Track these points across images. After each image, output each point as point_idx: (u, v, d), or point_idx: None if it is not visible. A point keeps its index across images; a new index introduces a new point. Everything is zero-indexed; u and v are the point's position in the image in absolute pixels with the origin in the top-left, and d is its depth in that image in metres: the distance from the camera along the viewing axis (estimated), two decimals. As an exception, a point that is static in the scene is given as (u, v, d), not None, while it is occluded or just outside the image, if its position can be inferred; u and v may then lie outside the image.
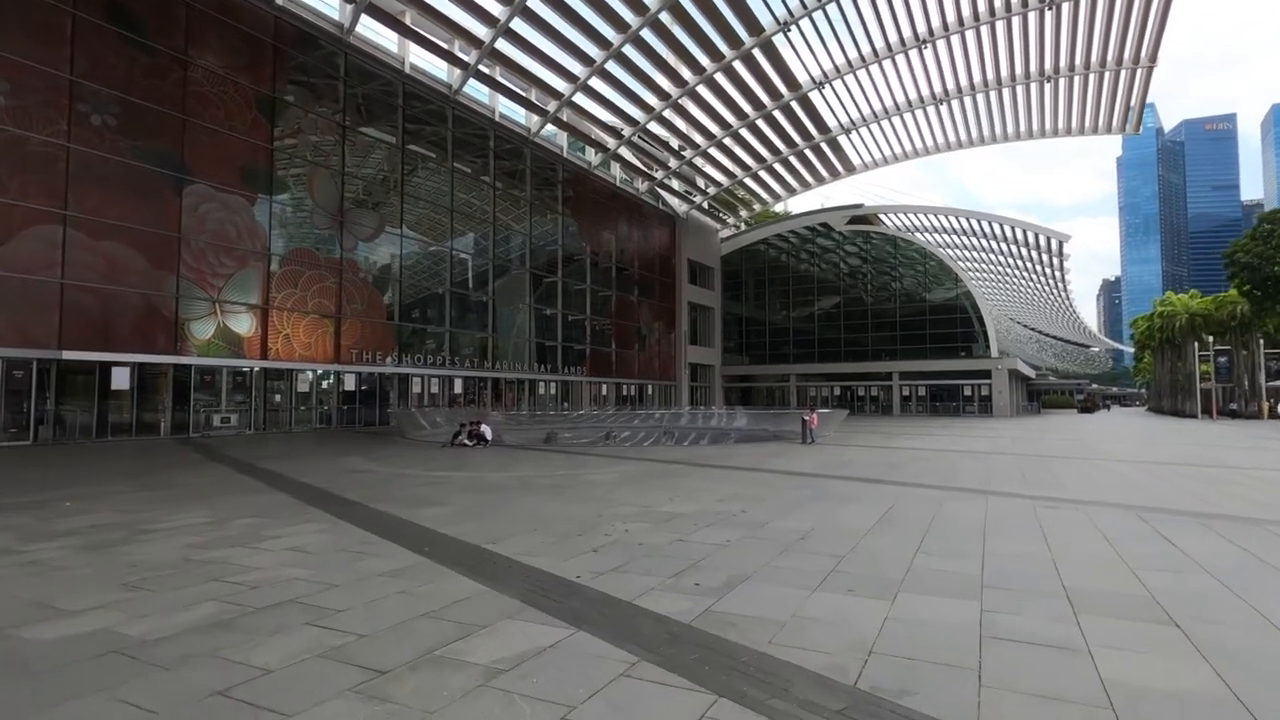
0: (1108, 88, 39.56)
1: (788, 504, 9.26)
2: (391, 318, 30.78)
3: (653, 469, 13.87)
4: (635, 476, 12.49)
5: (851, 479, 12.27)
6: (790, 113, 42.17)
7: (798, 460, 15.89)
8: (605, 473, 13.20)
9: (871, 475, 12.87)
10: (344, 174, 28.37)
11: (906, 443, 22.28)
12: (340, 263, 28.04)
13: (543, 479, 12.06)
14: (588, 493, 10.21)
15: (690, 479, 12.10)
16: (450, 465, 14.53)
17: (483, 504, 9.18)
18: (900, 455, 17.38)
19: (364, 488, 10.73)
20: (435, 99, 32.74)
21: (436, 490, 10.53)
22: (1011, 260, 60.59)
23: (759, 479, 12.20)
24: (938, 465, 15.01)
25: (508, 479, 12.12)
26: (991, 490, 10.80)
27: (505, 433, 24.67)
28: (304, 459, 16.11)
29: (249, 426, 24.66)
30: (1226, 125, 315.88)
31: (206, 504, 9.18)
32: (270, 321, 25.33)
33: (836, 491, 10.58)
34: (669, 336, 52.55)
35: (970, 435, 27.03)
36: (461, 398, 34.54)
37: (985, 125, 45.84)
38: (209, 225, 23.47)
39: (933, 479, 12.26)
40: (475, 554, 6.24)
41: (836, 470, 13.74)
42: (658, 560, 5.98)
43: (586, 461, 15.61)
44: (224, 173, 23.98)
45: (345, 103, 28.66)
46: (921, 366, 51.88)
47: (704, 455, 17.63)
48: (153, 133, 22.09)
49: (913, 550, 6.44)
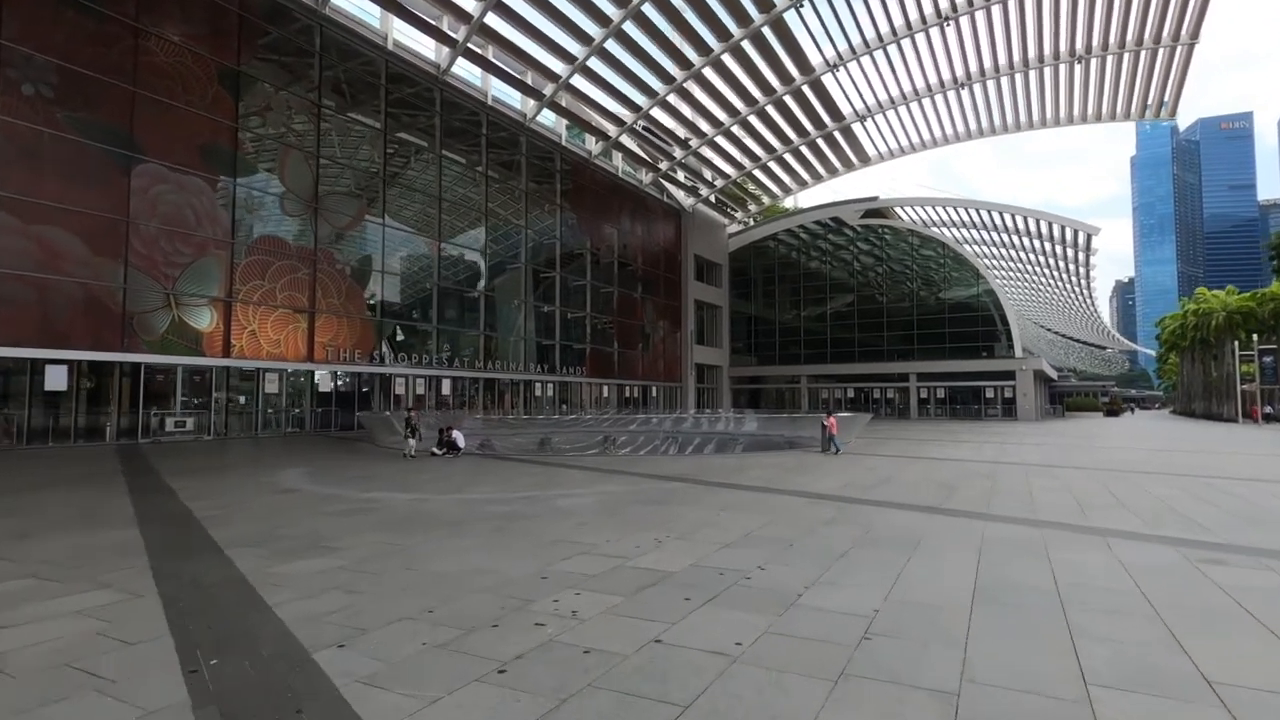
0: (1143, 68, 36.91)
1: (825, 553, 6.56)
2: (373, 313, 28.51)
3: (643, 489, 11.33)
4: (618, 501, 9.95)
5: (900, 506, 9.60)
6: (802, 98, 39.72)
7: (823, 476, 13.41)
8: (582, 494, 10.72)
9: (923, 500, 10.14)
10: (319, 157, 26.13)
11: (942, 451, 19.70)
12: (314, 253, 25.79)
13: (496, 505, 9.57)
14: (544, 531, 7.66)
15: (688, 506, 9.56)
16: (396, 483, 12.09)
17: (387, 552, 6.58)
18: (946, 469, 14.75)
19: (257, 520, 8.29)
20: (422, 79, 30.49)
21: (347, 524, 8.07)
22: (1031, 256, 57.83)
23: (779, 505, 9.59)
24: (1002, 484, 12.10)
25: (452, 505, 9.65)
26: (1102, 528, 7.96)
27: (497, 438, 22.39)
28: (231, 472, 13.77)
29: (208, 431, 22.40)
30: (1243, 124, 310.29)
31: (14, 545, 6.86)
32: (234, 316, 23.09)
33: (888, 529, 7.88)
34: (674, 336, 50.10)
35: (1010, 442, 24.41)
36: (451, 400, 32.23)
37: (1010, 111, 43.24)
38: (162, 209, 21.26)
39: (1009, 507, 9.51)
40: (282, 681, 3.58)
41: (875, 492, 11.13)
42: (608, 702, 3.35)
43: (566, 477, 13.18)
44: (181, 152, 21.76)
45: (321, 81, 26.43)
46: (940, 367, 49.17)
47: (710, 468, 15.20)
48: (96, 105, 19.89)
49: (1070, 668, 3.76)
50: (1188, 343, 57.93)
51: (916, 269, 52.16)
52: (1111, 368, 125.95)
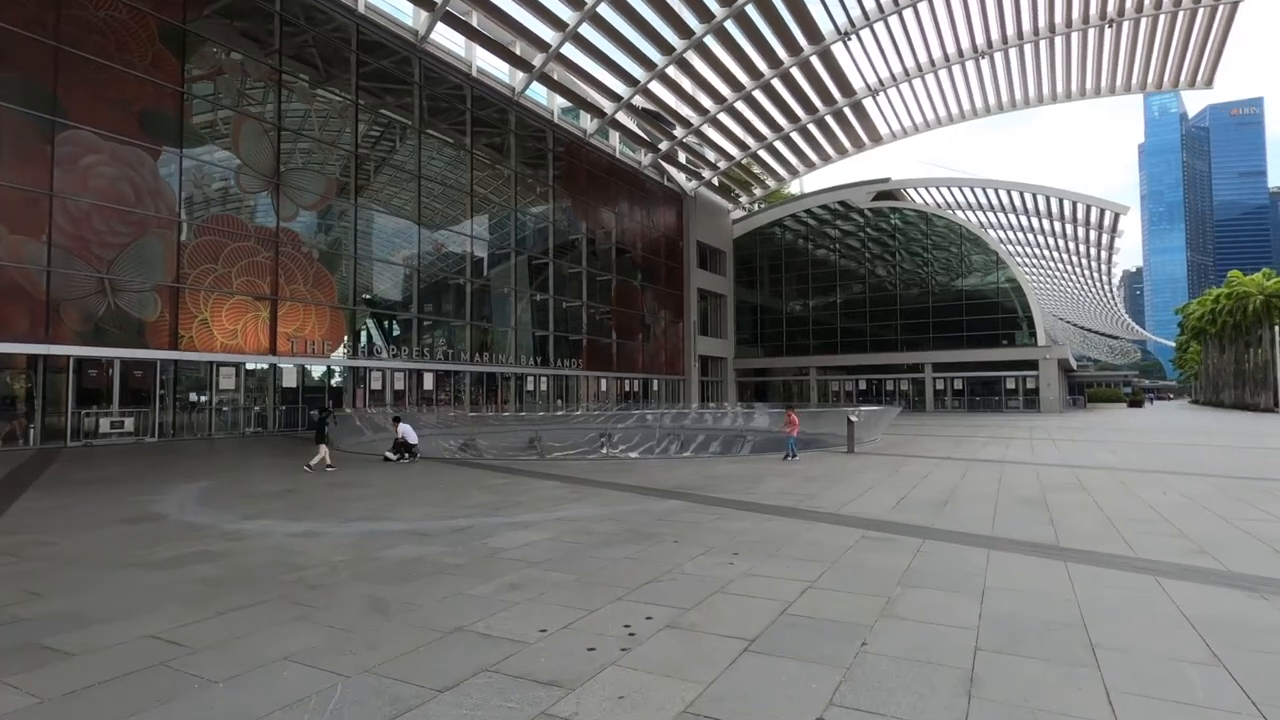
0: (1180, 31, 34.13)
1: (935, 663, 3.69)
2: (345, 302, 26.02)
3: (627, 514, 8.39)
4: (588, 536, 7.10)
5: (1000, 543, 6.62)
6: (810, 71, 36.99)
7: (862, 486, 10.78)
8: (542, 522, 7.81)
9: (1026, 530, 7.23)
10: (280, 129, 23.60)
11: (987, 450, 17.03)
12: (276, 234, 23.30)
13: (406, 545, 6.67)
14: (446, 607, 4.75)
15: (687, 543, 6.72)
16: (302, 504, 9.31)
17: (140, 660, 3.71)
18: (1012, 476, 11.85)
19: (19, 578, 5.69)
20: (398, 48, 27.92)
21: (152, 584, 5.37)
22: (1050, 240, 55.09)
23: (819, 541, 6.78)
24: (1107, 501, 9.10)
25: (341, 545, 6.69)
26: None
27: (482, 437, 19.94)
28: (116, 486, 10.97)
29: (151, 433, 19.95)
30: (1253, 110, 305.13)
31: None
32: (182, 303, 20.63)
33: (1014, 597, 4.95)
34: (676, 326, 47.53)
35: (1057, 438, 21.73)
36: (434, 395, 29.78)
37: (1033, 83, 40.46)
38: (95, 182, 18.77)
39: (1163, 547, 6.47)
40: None
41: (946, 515, 8.18)
42: None
43: (533, 491, 10.56)
44: (116, 118, 19.26)
45: (282, 45, 23.88)
46: (958, 357, 46.50)
47: (716, 476, 12.66)
48: (10, 63, 17.40)
49: None
50: (1217, 329, 55.14)
51: (931, 254, 49.43)
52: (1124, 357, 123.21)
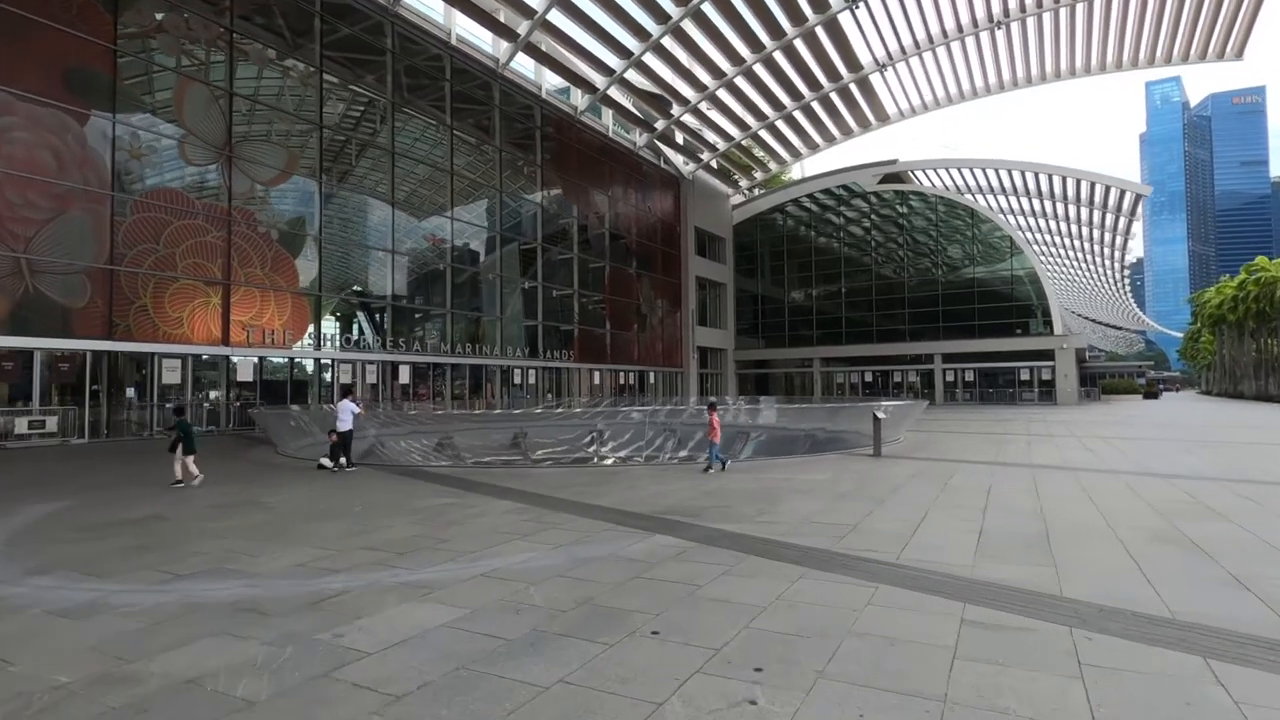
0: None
1: None
2: (310, 288, 23.75)
3: (588, 566, 5.68)
4: (501, 630, 4.16)
5: (1184, 631, 4.06)
6: (815, 43, 34.62)
7: (914, 516, 8.32)
8: (439, 592, 4.98)
9: (1208, 605, 4.60)
10: (233, 94, 21.27)
11: (1041, 454, 14.49)
12: (229, 212, 21.00)
13: (177, 661, 3.66)
14: None
15: (670, 640, 3.93)
16: (144, 541, 6.97)
17: None
18: (1108, 493, 9.27)
19: None
20: (370, 10, 25.55)
21: None
22: (1063, 226, 52.88)
23: (886, 640, 3.94)
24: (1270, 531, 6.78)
25: (74, 652, 4.05)
26: None
27: (460, 434, 17.75)
28: None
29: (79, 432, 17.70)
30: (1255, 99, 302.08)
31: None
32: (117, 287, 18.35)
33: None
34: (673, 316, 45.27)
35: (1105, 435, 19.27)
36: (413, 390, 27.55)
37: (1050, 56, 38.17)
38: (8, 149, 16.48)
39: None
40: None
41: (1051, 568, 5.53)
42: None
43: (475, 520, 8.23)
44: (34, 76, 16.95)
45: (234, 2, 21.52)
46: (969, 347, 44.28)
47: (717, 492, 10.42)
48: (-98, 6, 15.10)
49: None
50: (1237, 316, 52.98)
51: (941, 240, 47.12)
52: (1129, 348, 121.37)
